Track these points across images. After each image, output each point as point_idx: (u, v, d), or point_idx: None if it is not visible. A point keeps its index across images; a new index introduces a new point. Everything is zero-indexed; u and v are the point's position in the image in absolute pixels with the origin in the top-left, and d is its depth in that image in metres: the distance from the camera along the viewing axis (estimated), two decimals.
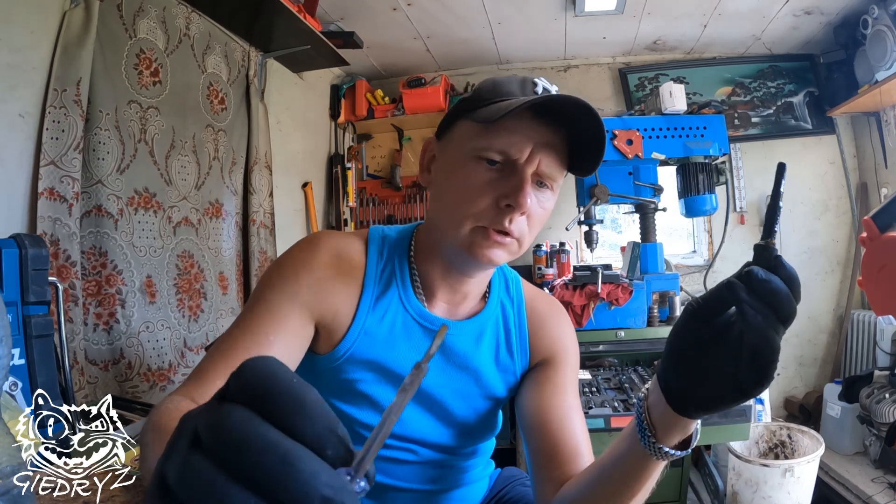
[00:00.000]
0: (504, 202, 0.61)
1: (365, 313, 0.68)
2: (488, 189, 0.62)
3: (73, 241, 1.39)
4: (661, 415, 0.49)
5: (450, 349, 0.72)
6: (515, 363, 0.76)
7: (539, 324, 0.77)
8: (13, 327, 0.91)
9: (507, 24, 2.61)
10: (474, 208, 0.62)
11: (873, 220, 0.58)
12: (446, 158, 0.67)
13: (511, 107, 0.58)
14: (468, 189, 0.62)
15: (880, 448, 2.10)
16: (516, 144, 0.61)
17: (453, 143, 0.66)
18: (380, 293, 0.69)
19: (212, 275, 1.94)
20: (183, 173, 1.84)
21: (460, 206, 0.63)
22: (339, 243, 0.70)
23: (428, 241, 0.71)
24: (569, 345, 0.78)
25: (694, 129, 1.93)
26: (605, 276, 1.81)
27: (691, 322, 0.45)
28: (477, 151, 0.62)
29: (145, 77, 1.68)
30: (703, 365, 0.45)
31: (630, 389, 1.67)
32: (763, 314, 0.42)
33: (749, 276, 0.42)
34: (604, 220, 2.71)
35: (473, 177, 0.62)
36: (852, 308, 2.79)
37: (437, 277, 0.71)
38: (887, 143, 2.63)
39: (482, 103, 0.63)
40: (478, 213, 0.62)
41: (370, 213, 3.12)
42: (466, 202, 0.62)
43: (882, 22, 2.29)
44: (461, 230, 0.63)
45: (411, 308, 0.70)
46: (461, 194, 0.63)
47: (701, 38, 2.81)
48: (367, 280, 0.69)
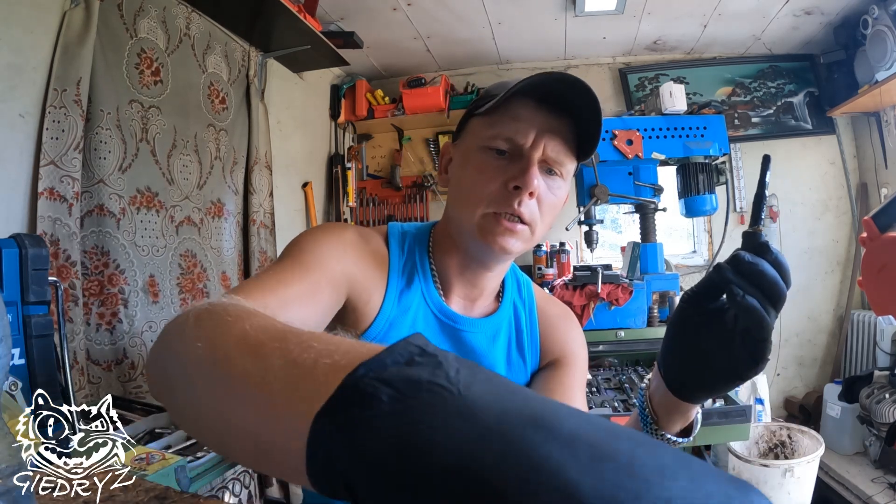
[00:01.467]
0: (512, 184, 0.63)
1: (391, 305, 0.69)
2: (497, 175, 0.64)
3: (73, 240, 1.39)
4: (663, 400, 0.52)
5: (468, 346, 0.73)
6: (526, 363, 0.77)
7: (550, 326, 0.79)
8: (13, 327, 0.91)
9: (507, 24, 2.61)
10: (484, 194, 0.64)
11: (873, 220, 0.58)
12: (459, 155, 0.70)
13: (509, 89, 0.61)
14: (478, 177, 0.65)
15: (880, 448, 2.10)
16: (521, 130, 0.63)
17: (465, 141, 0.69)
18: (404, 286, 0.70)
19: (214, 274, 1.94)
20: (185, 172, 1.84)
21: (471, 193, 0.65)
22: (364, 231, 0.72)
23: (445, 236, 0.73)
24: (578, 348, 0.80)
25: (694, 129, 1.93)
26: (605, 276, 1.81)
27: (687, 308, 0.48)
28: (485, 142, 0.65)
29: (146, 76, 1.68)
30: (701, 349, 0.47)
31: (630, 389, 1.67)
32: (751, 294, 0.43)
33: (736, 258, 0.44)
34: (604, 220, 2.70)
35: (482, 165, 0.65)
36: (852, 308, 2.79)
37: (455, 273, 0.72)
38: (887, 143, 2.63)
39: (490, 99, 0.65)
40: (488, 198, 0.64)
41: (370, 213, 3.12)
42: (477, 189, 0.65)
43: (882, 22, 2.29)
44: (473, 217, 0.65)
45: (432, 303, 0.71)
46: (471, 182, 0.65)
47: (701, 38, 2.81)
48: (391, 272, 0.70)
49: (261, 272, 0.59)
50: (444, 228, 0.74)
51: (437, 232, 0.75)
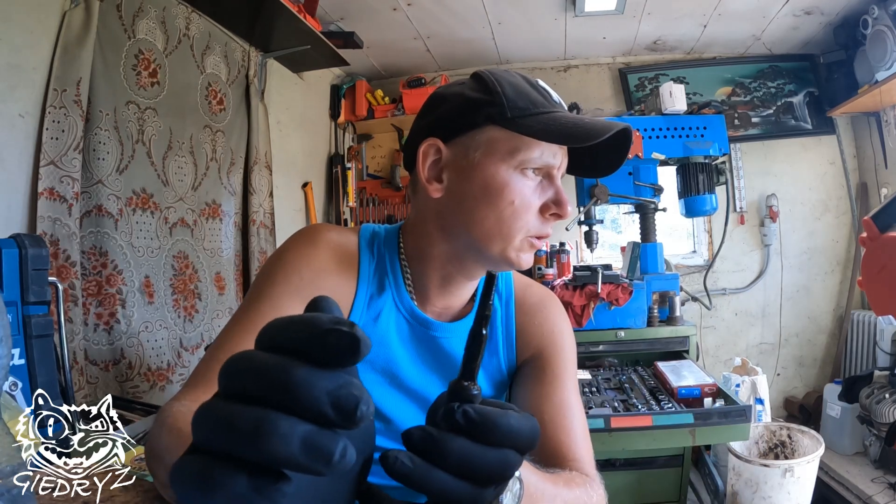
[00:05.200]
0: (549, 212, 0.63)
1: (360, 312, 0.68)
2: (534, 200, 0.63)
3: (72, 241, 1.39)
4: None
5: (444, 352, 0.71)
6: (501, 359, 0.74)
7: (528, 318, 0.75)
8: (13, 327, 0.91)
9: (507, 24, 2.61)
10: (524, 223, 0.63)
11: (873, 221, 0.58)
12: (474, 167, 0.62)
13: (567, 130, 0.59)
14: (520, 203, 0.62)
15: (880, 448, 2.10)
16: (557, 153, 0.63)
17: (482, 151, 0.62)
18: (374, 293, 0.69)
19: (206, 275, 1.94)
20: (180, 174, 1.84)
21: (513, 220, 0.62)
22: (337, 238, 0.69)
23: (427, 246, 0.69)
24: (558, 337, 0.73)
25: (694, 129, 1.93)
26: (605, 277, 1.81)
27: None
28: (523, 164, 0.62)
29: (143, 78, 1.68)
30: None
31: (630, 389, 1.67)
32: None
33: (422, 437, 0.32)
34: (604, 220, 2.71)
35: (522, 190, 0.62)
36: (852, 308, 2.79)
37: (434, 284, 0.70)
38: (887, 143, 2.63)
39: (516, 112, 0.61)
40: (527, 226, 0.63)
41: (370, 213, 3.12)
42: (519, 216, 0.62)
43: (882, 22, 2.29)
44: (512, 243, 0.63)
45: (404, 309, 0.70)
46: (512, 209, 0.62)
47: (701, 38, 2.81)
48: (360, 278, 0.69)
49: (226, 331, 0.61)
50: (422, 239, 0.69)
51: (410, 239, 0.71)
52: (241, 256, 2.16)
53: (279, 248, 0.69)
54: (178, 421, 0.49)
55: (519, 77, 0.66)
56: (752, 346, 2.94)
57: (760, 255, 2.96)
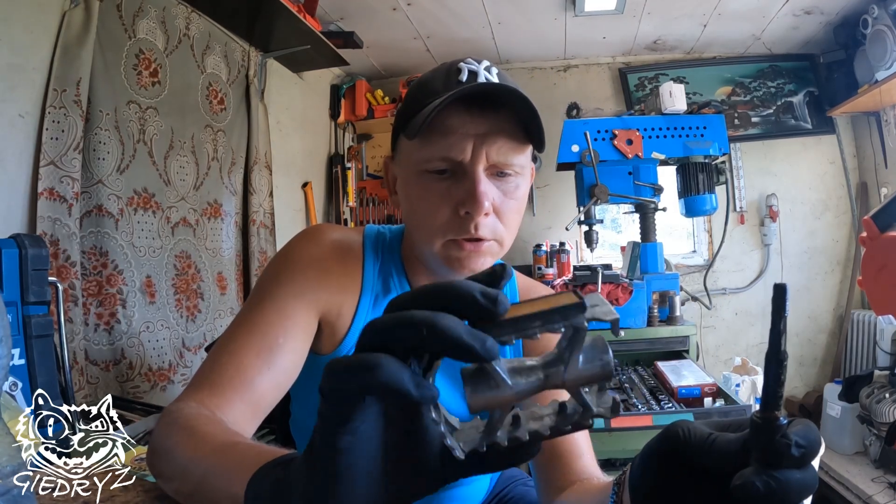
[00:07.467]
0: (462, 210, 0.58)
1: (366, 313, 0.67)
2: (443, 201, 0.59)
3: (72, 241, 1.39)
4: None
5: None
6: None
7: None
8: (13, 327, 0.91)
9: (507, 24, 2.61)
10: (437, 225, 0.60)
11: (873, 220, 0.58)
12: (401, 178, 0.65)
13: (429, 114, 0.55)
14: (425, 206, 0.60)
15: (880, 448, 2.10)
16: (456, 145, 0.57)
17: (402, 162, 0.64)
18: (379, 293, 0.69)
19: (209, 275, 1.94)
20: (181, 174, 1.84)
21: (424, 224, 0.61)
22: (341, 238, 0.69)
23: (412, 249, 0.70)
24: None
25: (694, 129, 1.93)
26: (605, 276, 1.81)
27: (684, 461, 0.34)
28: (420, 165, 0.59)
29: (144, 77, 1.68)
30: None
31: (630, 389, 1.67)
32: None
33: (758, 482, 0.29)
34: (604, 220, 2.70)
35: (425, 193, 0.60)
36: (852, 308, 2.79)
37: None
38: (887, 143, 2.63)
39: (411, 113, 0.59)
40: (442, 228, 0.60)
41: (370, 213, 3.12)
42: (428, 220, 0.60)
43: (882, 22, 2.29)
44: (434, 247, 0.61)
45: None
46: (420, 213, 0.61)
47: (701, 37, 2.81)
48: (365, 278, 0.68)
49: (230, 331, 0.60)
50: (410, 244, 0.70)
51: (407, 242, 0.71)
52: (241, 256, 2.17)
53: (283, 249, 0.69)
54: (191, 419, 0.49)
55: (440, 69, 0.63)
56: (752, 346, 2.94)
57: (760, 255, 2.97)
